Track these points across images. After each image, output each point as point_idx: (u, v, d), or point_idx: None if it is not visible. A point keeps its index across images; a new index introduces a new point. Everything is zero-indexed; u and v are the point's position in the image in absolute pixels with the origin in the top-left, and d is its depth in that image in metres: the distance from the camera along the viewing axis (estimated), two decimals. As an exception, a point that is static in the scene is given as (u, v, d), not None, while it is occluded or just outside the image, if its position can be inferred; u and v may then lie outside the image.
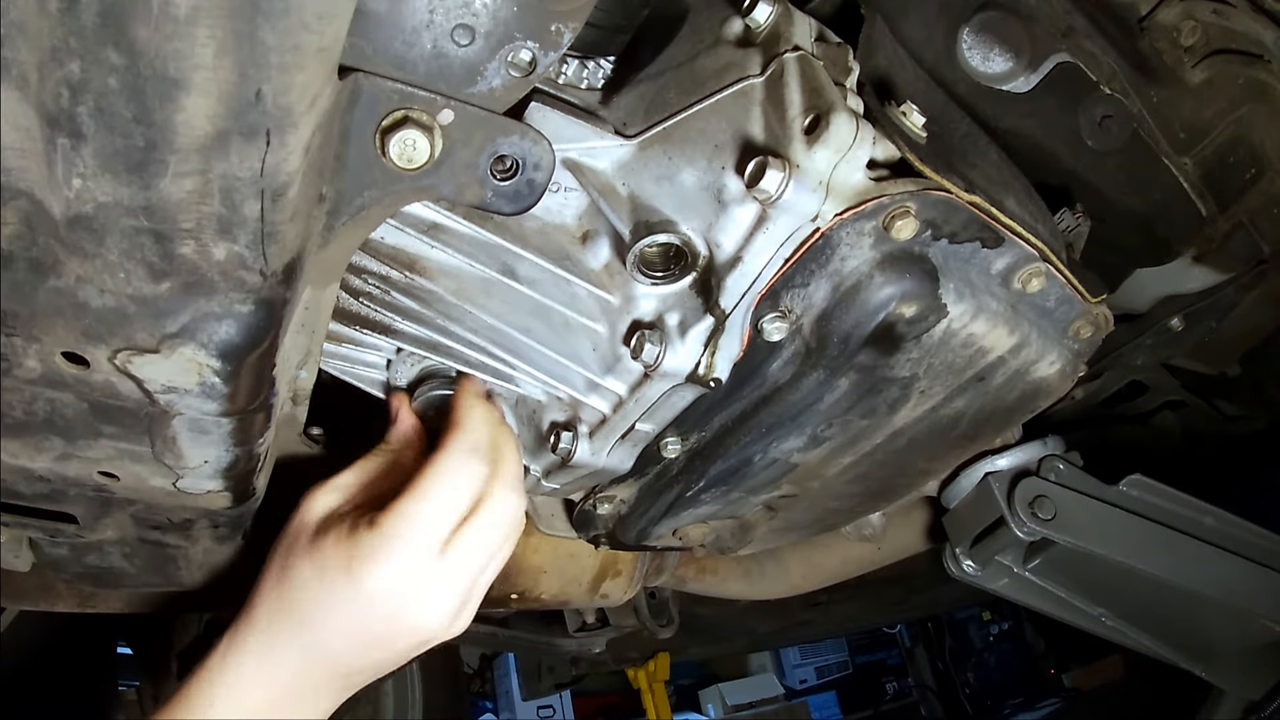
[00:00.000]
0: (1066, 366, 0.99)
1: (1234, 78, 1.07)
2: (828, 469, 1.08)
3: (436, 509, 0.82)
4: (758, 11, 0.82)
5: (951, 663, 5.89)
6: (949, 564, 1.37)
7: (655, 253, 0.85)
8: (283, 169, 0.55)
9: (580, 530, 1.21)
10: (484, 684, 5.34)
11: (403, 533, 0.80)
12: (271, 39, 0.48)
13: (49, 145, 0.51)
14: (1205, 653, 1.41)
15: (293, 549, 0.84)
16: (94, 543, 1.00)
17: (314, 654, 0.82)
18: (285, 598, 0.82)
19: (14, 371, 0.66)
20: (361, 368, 1.03)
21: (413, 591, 0.81)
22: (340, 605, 0.80)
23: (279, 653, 0.81)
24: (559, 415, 1.00)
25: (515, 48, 0.64)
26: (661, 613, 2.05)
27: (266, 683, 0.81)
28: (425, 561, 0.81)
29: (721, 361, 0.86)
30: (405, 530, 0.80)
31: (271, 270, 0.62)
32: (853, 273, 0.81)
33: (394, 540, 0.80)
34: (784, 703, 5.75)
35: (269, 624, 0.82)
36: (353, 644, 0.82)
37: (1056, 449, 1.33)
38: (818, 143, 0.75)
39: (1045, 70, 1.01)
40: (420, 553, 0.80)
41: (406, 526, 0.80)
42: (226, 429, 0.75)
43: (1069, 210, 1.06)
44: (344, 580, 0.80)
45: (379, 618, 0.81)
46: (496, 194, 0.71)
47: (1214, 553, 1.29)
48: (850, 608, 2.52)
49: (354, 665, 0.84)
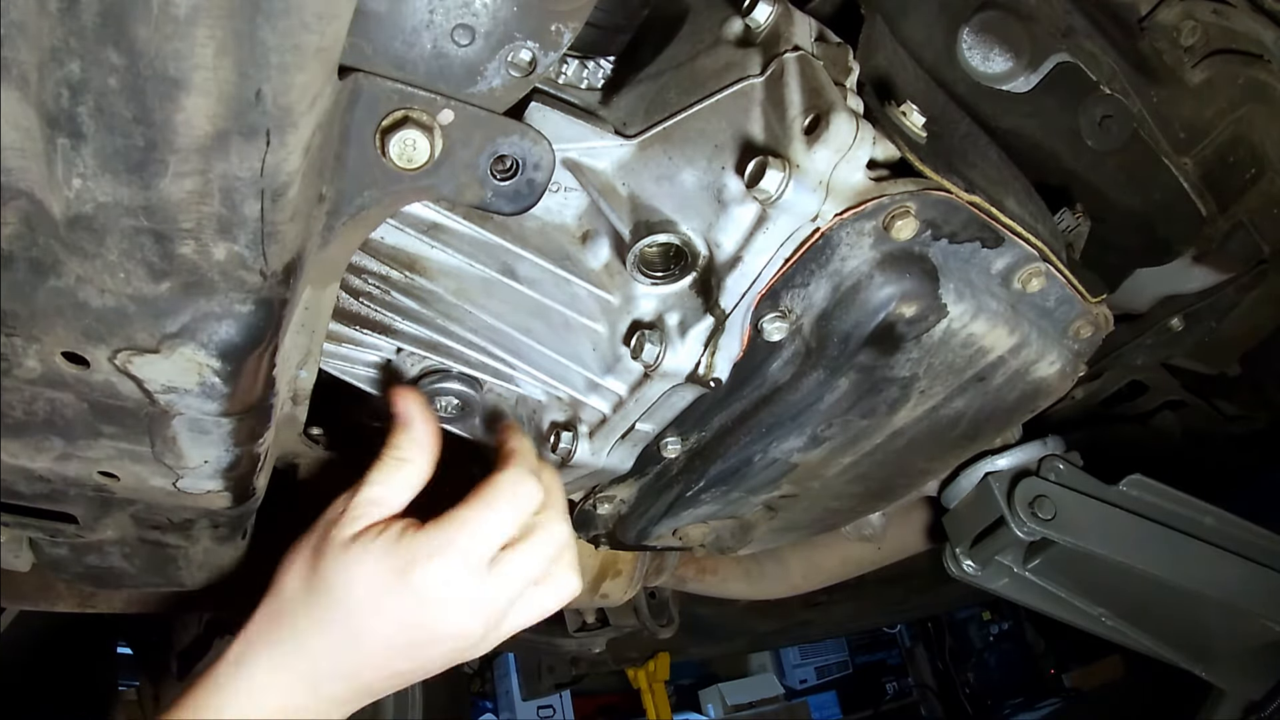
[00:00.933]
0: (1066, 366, 0.99)
1: (1234, 78, 1.07)
2: (828, 469, 1.08)
3: (494, 523, 0.82)
4: (758, 11, 0.82)
5: (951, 663, 5.88)
6: (949, 564, 1.37)
7: (655, 253, 0.85)
8: (283, 169, 0.55)
9: (580, 530, 1.21)
10: (484, 684, 5.34)
11: (457, 541, 0.79)
12: (271, 39, 0.48)
13: (49, 145, 0.51)
14: (1205, 653, 1.41)
15: (324, 552, 0.81)
16: (94, 543, 0.99)
17: (343, 658, 0.80)
18: (318, 602, 0.80)
19: (14, 371, 0.66)
20: (361, 368, 1.03)
21: (457, 599, 0.80)
22: (385, 607, 0.78)
23: (302, 658, 0.79)
24: (559, 415, 1.00)
25: (515, 48, 0.64)
26: (661, 613, 2.05)
27: (283, 690, 0.79)
28: (474, 573, 0.80)
29: (721, 361, 0.86)
30: (460, 539, 0.80)
31: (271, 270, 0.62)
32: (853, 273, 0.81)
33: (447, 547, 0.79)
34: (784, 703, 5.75)
35: (293, 628, 0.80)
36: (391, 649, 0.80)
37: (1056, 449, 1.33)
38: (818, 143, 0.75)
39: (1045, 70, 1.01)
40: (471, 563, 0.80)
41: (461, 535, 0.80)
42: (226, 429, 0.75)
43: (1069, 210, 1.06)
44: (393, 581, 0.78)
45: (421, 622, 0.79)
46: (496, 194, 0.71)
47: (1214, 553, 1.29)
48: (850, 608, 2.52)
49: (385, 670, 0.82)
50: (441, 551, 0.79)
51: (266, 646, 0.80)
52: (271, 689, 0.79)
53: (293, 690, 0.79)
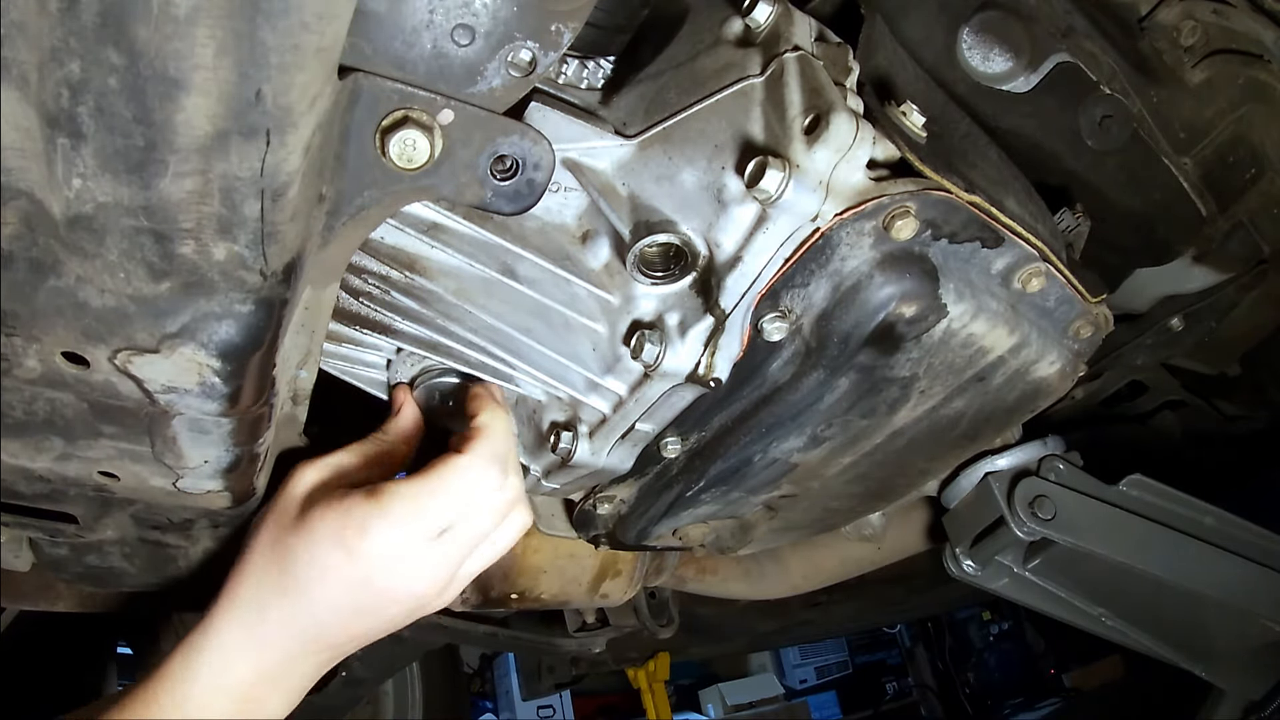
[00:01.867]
0: (1066, 366, 0.99)
1: (1234, 78, 1.07)
2: (828, 469, 1.08)
3: (444, 505, 0.83)
4: (758, 11, 0.82)
5: (951, 663, 5.89)
6: (949, 564, 1.37)
7: (655, 253, 0.85)
8: (283, 169, 0.55)
9: (580, 530, 1.21)
10: (484, 684, 5.34)
11: (401, 515, 0.81)
12: (271, 39, 0.48)
13: (49, 145, 0.51)
14: (1205, 653, 1.41)
15: (280, 521, 0.84)
16: (94, 543, 1.00)
17: (303, 623, 0.82)
18: (274, 569, 0.82)
19: (14, 371, 0.66)
20: (361, 368, 1.03)
21: (404, 565, 0.82)
22: (329, 573, 0.80)
23: (267, 624, 0.81)
24: (559, 415, 1.00)
25: (515, 48, 0.64)
26: (661, 613, 2.05)
27: (253, 654, 0.81)
28: (422, 539, 0.82)
29: (721, 361, 0.86)
30: (405, 513, 0.81)
31: (271, 270, 0.62)
32: (853, 273, 0.81)
33: (390, 517, 0.81)
34: (784, 703, 5.75)
35: (256, 595, 0.82)
36: (342, 612, 0.82)
37: (1056, 449, 1.33)
38: (818, 143, 0.75)
39: (1045, 70, 1.01)
40: (415, 535, 0.82)
41: (407, 510, 0.81)
42: (226, 429, 0.75)
43: (1069, 210, 1.06)
44: (334, 548, 0.80)
45: (368, 586, 0.81)
46: (496, 194, 0.71)
47: (1214, 553, 1.29)
48: (850, 608, 2.52)
49: (344, 634, 0.85)
50: (382, 521, 0.80)
51: (234, 614, 0.82)
52: (241, 656, 0.81)
53: (262, 656, 0.81)
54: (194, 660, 0.80)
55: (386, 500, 0.81)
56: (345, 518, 0.81)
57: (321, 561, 0.80)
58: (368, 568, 0.80)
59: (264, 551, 0.84)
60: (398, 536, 0.81)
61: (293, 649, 0.83)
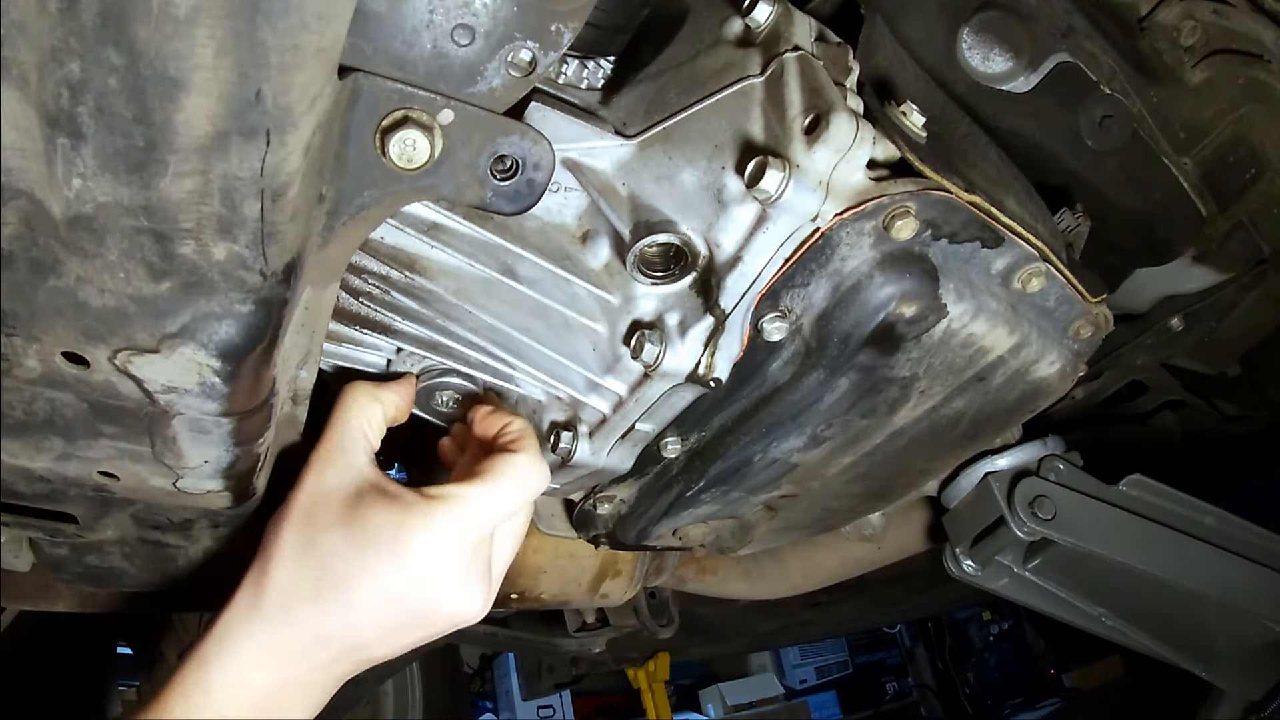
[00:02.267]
0: (1066, 366, 0.99)
1: (1234, 78, 1.07)
2: (828, 469, 1.08)
3: (503, 502, 0.81)
4: (758, 11, 0.82)
5: (951, 663, 5.89)
6: (949, 564, 1.37)
7: (655, 253, 0.85)
8: (283, 169, 0.55)
9: (580, 530, 1.21)
10: (484, 684, 5.35)
11: (461, 515, 0.78)
12: (271, 39, 0.48)
13: (49, 145, 0.51)
14: (1205, 653, 1.41)
15: (316, 518, 0.78)
16: (94, 543, 0.99)
17: (337, 630, 0.76)
18: (309, 570, 0.76)
19: (14, 371, 0.66)
20: (361, 368, 1.03)
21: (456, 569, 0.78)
22: (375, 578, 0.75)
23: (294, 629, 0.75)
24: (559, 415, 1.00)
25: (515, 48, 0.64)
26: (661, 613, 2.05)
27: (274, 662, 0.75)
28: (474, 545, 0.79)
29: (721, 361, 0.86)
30: (465, 514, 0.78)
31: (271, 270, 0.62)
32: (853, 273, 0.81)
33: (448, 519, 0.77)
34: (784, 703, 5.76)
35: (282, 599, 0.76)
36: (383, 623, 0.77)
37: (1056, 449, 1.33)
38: (818, 143, 0.75)
39: (1045, 70, 1.01)
40: (473, 536, 0.79)
41: (468, 511, 0.78)
42: (226, 429, 0.75)
43: (1069, 210, 1.06)
44: (388, 550, 0.75)
45: (418, 593, 0.76)
46: (496, 194, 0.71)
47: (1214, 553, 1.29)
48: (850, 608, 2.52)
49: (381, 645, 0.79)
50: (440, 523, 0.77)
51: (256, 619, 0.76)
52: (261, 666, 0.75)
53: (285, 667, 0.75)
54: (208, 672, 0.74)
55: (443, 503, 0.77)
56: (403, 517, 0.76)
57: (366, 565, 0.75)
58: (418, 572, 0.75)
59: (294, 550, 0.77)
60: (452, 541, 0.77)
61: (322, 658, 0.76)
